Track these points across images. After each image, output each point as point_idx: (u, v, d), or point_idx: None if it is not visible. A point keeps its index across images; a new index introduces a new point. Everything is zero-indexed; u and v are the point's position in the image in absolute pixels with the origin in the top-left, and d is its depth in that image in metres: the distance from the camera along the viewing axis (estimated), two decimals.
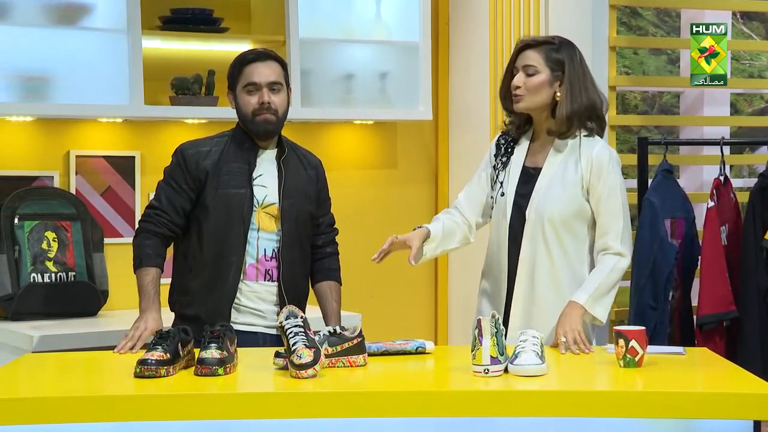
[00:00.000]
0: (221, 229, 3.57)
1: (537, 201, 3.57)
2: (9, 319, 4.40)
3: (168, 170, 3.66)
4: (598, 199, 3.56)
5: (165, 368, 2.97)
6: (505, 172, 3.66)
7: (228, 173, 3.60)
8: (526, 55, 3.60)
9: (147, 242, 3.59)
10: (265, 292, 3.61)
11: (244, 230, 3.58)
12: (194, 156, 3.61)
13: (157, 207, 3.61)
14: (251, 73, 3.61)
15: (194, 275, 3.60)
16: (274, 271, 3.62)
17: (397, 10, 5.24)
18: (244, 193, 3.59)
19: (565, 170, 3.59)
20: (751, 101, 7.48)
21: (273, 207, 3.63)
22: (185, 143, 3.69)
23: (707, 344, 4.53)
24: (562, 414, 2.81)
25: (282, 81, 3.65)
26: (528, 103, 3.60)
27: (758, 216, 4.61)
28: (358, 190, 5.31)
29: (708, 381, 3.18)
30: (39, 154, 4.67)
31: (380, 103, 5.26)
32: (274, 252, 3.62)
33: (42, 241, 4.50)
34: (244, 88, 3.62)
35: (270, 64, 3.63)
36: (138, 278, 3.57)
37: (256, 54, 3.65)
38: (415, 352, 3.33)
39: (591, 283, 3.52)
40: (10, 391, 2.93)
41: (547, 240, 3.56)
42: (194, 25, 4.79)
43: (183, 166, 3.61)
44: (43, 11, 4.54)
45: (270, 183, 3.64)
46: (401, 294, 5.47)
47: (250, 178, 3.61)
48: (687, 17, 5.58)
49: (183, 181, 3.60)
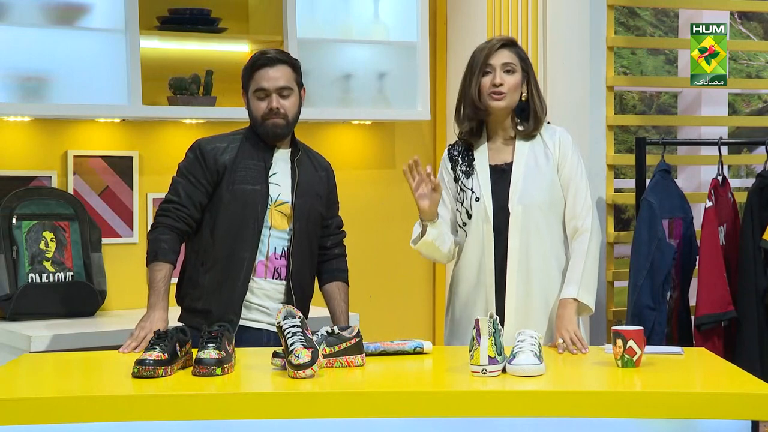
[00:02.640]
0: (235, 225, 3.59)
1: (519, 193, 3.58)
2: (7, 319, 4.39)
3: (184, 165, 3.66)
4: (566, 177, 3.61)
5: (163, 368, 2.97)
6: (471, 179, 3.64)
7: (245, 169, 3.62)
8: (504, 54, 3.61)
9: (164, 237, 3.57)
10: (272, 290, 3.63)
11: (258, 227, 3.60)
12: (212, 151, 3.63)
13: (176, 201, 3.60)
14: (261, 78, 3.62)
15: (206, 269, 3.61)
16: (283, 270, 3.63)
17: (395, 10, 5.24)
18: (260, 190, 3.61)
19: (536, 159, 3.62)
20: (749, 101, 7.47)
21: (285, 206, 3.65)
22: (201, 139, 3.70)
23: (705, 344, 4.53)
24: (560, 414, 2.81)
25: (292, 84, 3.66)
26: (507, 101, 3.60)
27: (756, 216, 4.62)
28: (356, 190, 5.31)
29: (706, 381, 3.18)
30: (37, 154, 4.67)
31: (378, 104, 5.26)
32: (284, 250, 3.64)
33: (40, 241, 4.50)
34: (254, 93, 3.64)
35: (280, 68, 3.64)
36: (150, 272, 3.54)
37: (267, 59, 3.64)
38: (413, 352, 3.33)
39: (575, 273, 3.54)
40: (8, 392, 2.93)
41: (538, 227, 3.57)
42: (192, 25, 4.78)
43: (201, 160, 3.62)
44: (41, 11, 4.54)
45: (283, 181, 3.66)
46: (399, 294, 5.47)
47: (266, 174, 3.64)
48: (685, 17, 5.59)
49: (201, 176, 3.61)
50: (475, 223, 3.63)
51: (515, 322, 3.51)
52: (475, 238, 3.63)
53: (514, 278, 3.57)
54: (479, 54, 3.64)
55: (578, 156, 3.66)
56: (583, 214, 3.60)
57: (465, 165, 3.66)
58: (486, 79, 3.60)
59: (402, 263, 5.45)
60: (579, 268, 3.55)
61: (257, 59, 3.65)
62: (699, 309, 4.65)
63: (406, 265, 5.46)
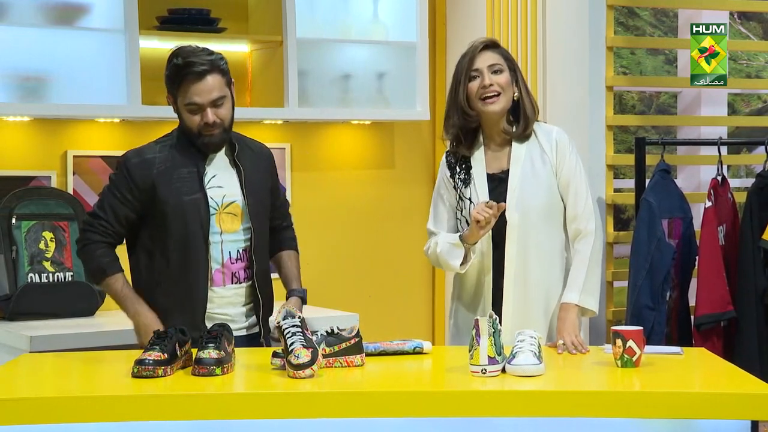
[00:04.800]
0: (182, 239, 3.46)
1: (515, 201, 3.54)
2: (6, 319, 4.40)
3: (114, 179, 3.53)
4: (566, 179, 3.56)
5: (162, 368, 2.97)
6: (469, 188, 3.60)
7: (179, 180, 3.48)
8: (488, 56, 3.56)
9: (100, 252, 3.49)
10: (233, 295, 3.54)
11: (205, 236, 3.47)
12: (138, 166, 3.48)
13: (102, 217, 3.49)
14: (191, 93, 3.42)
15: (163, 290, 3.49)
16: (241, 273, 3.54)
17: (395, 10, 5.24)
18: (199, 198, 3.47)
19: (533, 164, 3.57)
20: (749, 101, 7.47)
21: (234, 205, 3.53)
22: (129, 152, 3.55)
23: (705, 344, 4.53)
24: (559, 414, 2.81)
25: (225, 91, 3.46)
26: (502, 103, 3.55)
27: (756, 216, 4.62)
28: (355, 190, 5.31)
29: (705, 381, 3.18)
30: (36, 154, 4.67)
31: (378, 104, 5.26)
32: (239, 253, 3.54)
33: (39, 241, 4.50)
34: (185, 105, 3.45)
35: (209, 79, 3.42)
36: (109, 288, 3.51)
37: (195, 73, 3.40)
38: (413, 352, 3.33)
39: (577, 278, 3.53)
40: (8, 391, 2.92)
41: (537, 234, 3.55)
42: (192, 25, 4.78)
43: (128, 177, 3.48)
44: (41, 11, 4.54)
45: (227, 182, 3.53)
46: (399, 294, 5.47)
47: (201, 182, 3.49)
48: (684, 17, 5.59)
49: (128, 192, 3.48)
50: None
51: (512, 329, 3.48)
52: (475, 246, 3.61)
53: (511, 288, 3.55)
54: (463, 60, 3.58)
55: (576, 156, 3.60)
56: (584, 216, 3.56)
57: (463, 173, 3.61)
58: (473, 84, 3.54)
59: (402, 263, 5.45)
60: (581, 272, 3.52)
61: (184, 72, 3.42)
62: (698, 309, 4.65)
63: (406, 265, 5.46)
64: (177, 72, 3.45)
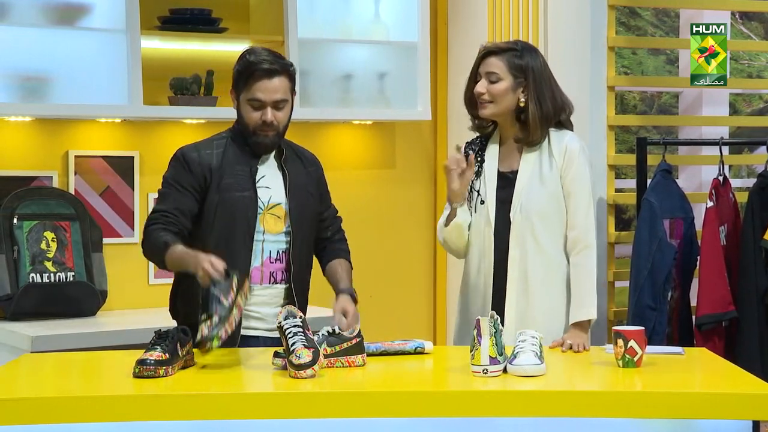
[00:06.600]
0: (226, 234, 3.49)
1: (520, 203, 3.57)
2: (8, 319, 4.40)
3: (170, 175, 3.53)
4: (569, 186, 3.58)
5: (164, 368, 2.97)
6: (480, 180, 3.64)
7: (232, 176, 3.51)
8: (488, 62, 3.60)
9: (161, 233, 3.41)
10: (268, 295, 3.55)
11: (250, 234, 3.51)
12: (197, 158, 3.51)
13: (163, 210, 3.47)
14: (257, 89, 3.48)
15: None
16: (278, 273, 3.56)
17: (396, 10, 5.24)
18: (249, 196, 3.51)
19: (541, 168, 3.59)
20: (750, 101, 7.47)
21: (279, 207, 3.57)
22: (184, 147, 3.58)
23: (706, 344, 4.53)
24: (560, 414, 2.81)
25: (288, 96, 3.53)
26: (492, 110, 3.60)
27: (757, 216, 4.61)
28: (356, 190, 5.31)
29: (707, 381, 3.18)
30: (38, 154, 4.67)
31: (379, 104, 5.26)
32: (279, 254, 3.57)
33: (41, 241, 4.50)
34: (248, 101, 3.51)
35: (277, 80, 3.49)
36: (170, 257, 3.36)
37: (265, 70, 3.49)
38: (414, 352, 3.33)
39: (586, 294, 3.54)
40: (9, 392, 2.93)
41: (537, 237, 3.56)
42: (193, 25, 4.78)
43: (187, 168, 3.50)
44: (42, 11, 4.54)
45: (273, 184, 3.58)
46: (400, 294, 5.47)
47: (253, 180, 3.54)
48: (686, 17, 5.58)
49: (188, 183, 3.49)
50: (477, 225, 3.63)
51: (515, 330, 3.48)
52: (476, 240, 3.62)
53: (513, 288, 3.57)
54: (476, 60, 3.65)
55: (585, 167, 3.60)
56: (584, 227, 3.57)
57: (476, 165, 3.66)
58: (475, 86, 3.63)
59: (402, 263, 5.45)
60: (584, 287, 3.54)
61: (255, 68, 3.50)
62: (700, 309, 4.65)
63: (407, 265, 5.46)
64: (248, 67, 3.52)
